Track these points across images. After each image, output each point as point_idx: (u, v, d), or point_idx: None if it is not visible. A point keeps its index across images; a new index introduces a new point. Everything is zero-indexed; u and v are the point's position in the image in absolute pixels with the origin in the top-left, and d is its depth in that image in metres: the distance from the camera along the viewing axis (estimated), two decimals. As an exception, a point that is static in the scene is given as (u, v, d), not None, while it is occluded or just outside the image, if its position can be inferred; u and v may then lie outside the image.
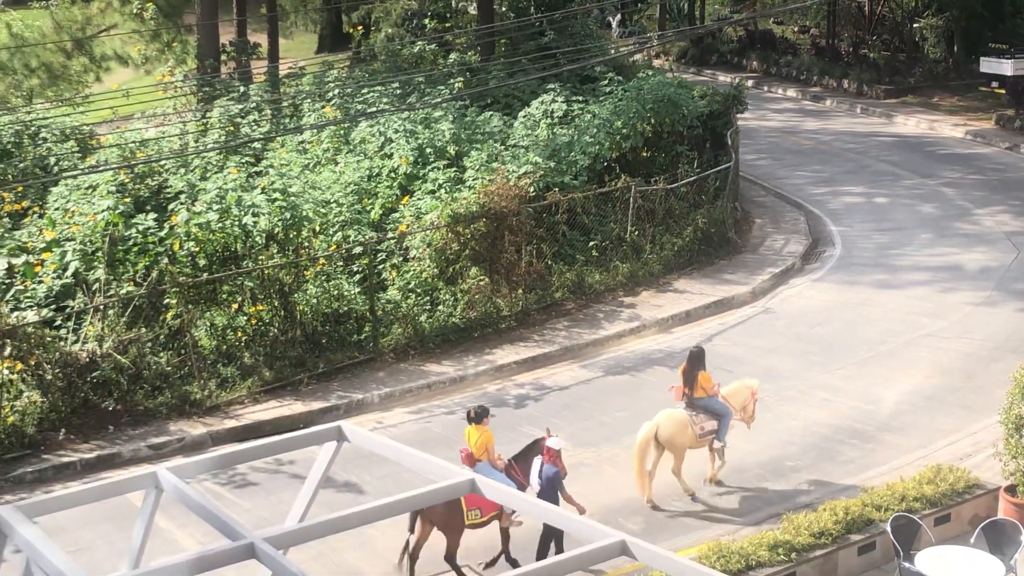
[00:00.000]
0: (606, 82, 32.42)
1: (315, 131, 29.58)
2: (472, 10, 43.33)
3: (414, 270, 24.53)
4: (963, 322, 24.46)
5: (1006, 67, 44.12)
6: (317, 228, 24.27)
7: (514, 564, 15.47)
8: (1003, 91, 44.08)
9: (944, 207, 32.84)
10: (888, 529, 14.49)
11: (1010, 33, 52.13)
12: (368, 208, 26.19)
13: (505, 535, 15.67)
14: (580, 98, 31.36)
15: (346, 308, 22.99)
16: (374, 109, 30.03)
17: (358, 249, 24.25)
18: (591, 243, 26.85)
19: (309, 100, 32.11)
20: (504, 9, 40.63)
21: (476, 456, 15.68)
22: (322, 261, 23.53)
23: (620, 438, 19.61)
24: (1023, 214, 31.87)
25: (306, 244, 23.47)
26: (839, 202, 33.81)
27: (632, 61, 39.86)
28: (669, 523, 17.07)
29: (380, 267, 24.67)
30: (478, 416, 15.96)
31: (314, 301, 22.67)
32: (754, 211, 32.67)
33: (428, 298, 24.13)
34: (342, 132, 29.58)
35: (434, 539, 15.38)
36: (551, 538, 15.50)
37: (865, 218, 32.18)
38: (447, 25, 39.75)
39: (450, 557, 15.31)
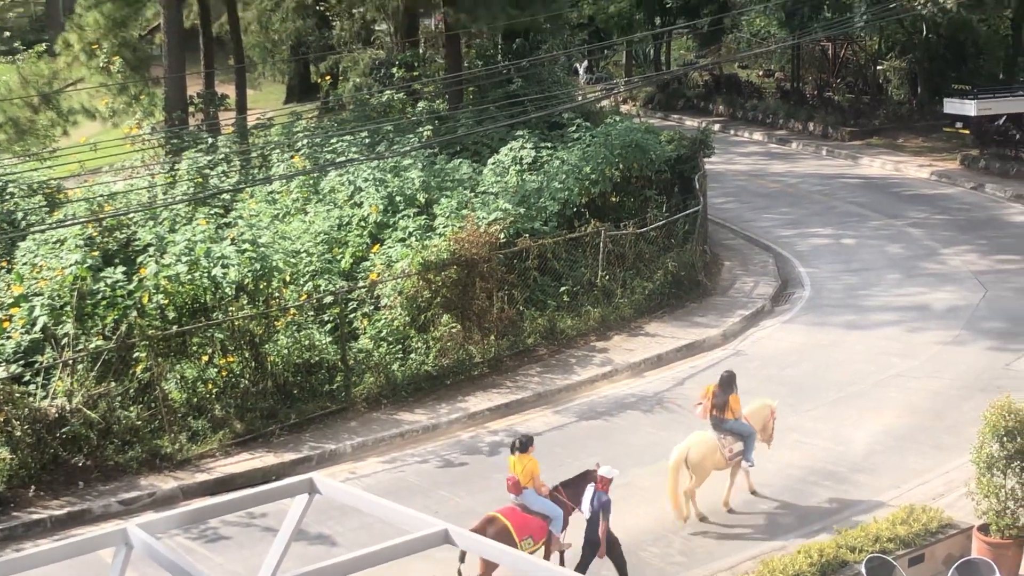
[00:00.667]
0: (574, 128, 32.60)
1: (284, 181, 29.60)
2: (440, 59, 43.54)
3: (385, 318, 24.50)
4: (932, 361, 24.57)
5: (969, 107, 44.52)
6: (287, 278, 24.22)
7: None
8: (967, 131, 44.44)
9: (911, 247, 33.06)
10: (863, 570, 14.50)
11: (972, 74, 52.70)
12: (338, 257, 26.18)
13: (561, 560, 16.18)
14: (549, 144, 31.51)
15: (317, 358, 22.92)
16: (343, 158, 30.08)
17: (329, 298, 24.22)
18: (562, 288, 26.90)
19: (278, 150, 32.16)
20: (472, 57, 40.84)
21: (523, 484, 16.17)
22: (293, 311, 23.48)
23: (594, 484, 19.57)
24: (990, 253, 32.11)
25: (276, 294, 23.41)
26: (807, 244, 34.00)
27: (600, 107, 40.10)
28: (644, 567, 17.02)
29: (351, 316, 24.63)
30: (523, 446, 16.47)
31: (285, 352, 22.60)
32: (723, 254, 32.81)
33: (400, 346, 24.09)
34: (311, 182, 29.61)
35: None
36: (591, 557, 16.05)
37: (833, 259, 32.36)
38: (415, 74, 39.88)
39: None
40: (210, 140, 32.99)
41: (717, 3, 58.45)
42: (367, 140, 32.12)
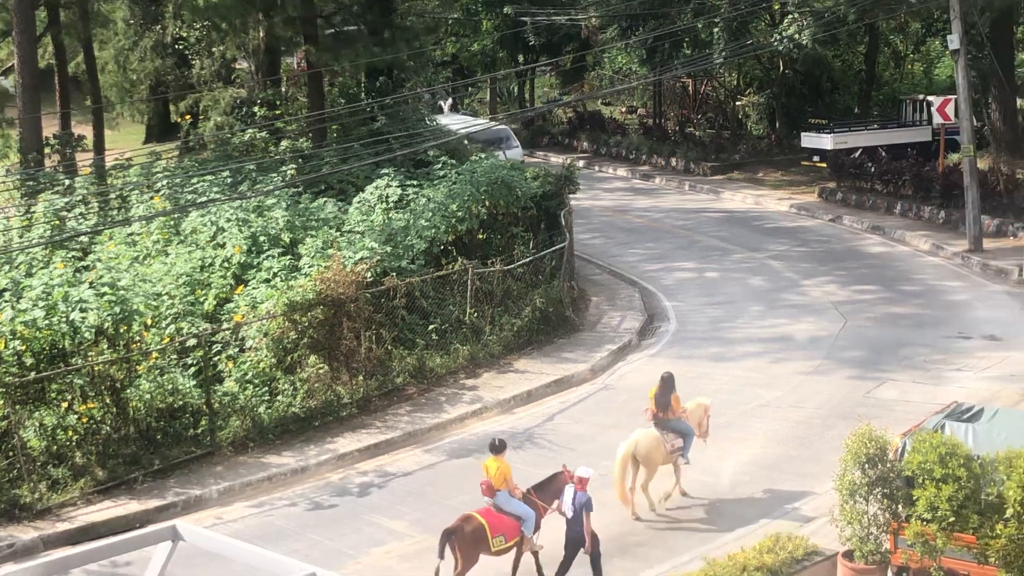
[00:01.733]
0: (440, 166, 32.61)
1: (144, 223, 29.06)
2: (302, 97, 43.29)
3: (251, 360, 24.16)
4: (796, 391, 24.98)
5: (826, 141, 45.66)
6: (149, 321, 23.73)
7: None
8: (824, 164, 45.54)
9: (773, 279, 33.64)
10: (732, 600, 14.61)
11: (828, 108, 54.09)
12: (201, 299, 25.77)
13: (534, 558, 17.18)
14: (414, 182, 31.45)
15: (181, 402, 22.49)
16: (205, 198, 29.66)
17: (192, 341, 23.81)
18: (431, 327, 26.81)
19: (137, 191, 31.59)
20: (335, 95, 40.65)
21: (496, 486, 17.01)
22: (155, 355, 23.02)
23: (465, 522, 19.49)
24: (848, 284, 32.82)
25: (137, 338, 22.93)
26: (672, 278, 34.42)
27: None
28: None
29: (215, 359, 24.22)
30: (501, 447, 17.36)
31: (147, 396, 22.13)
32: (590, 289, 33.04)
33: (266, 388, 23.76)
34: (172, 223, 29.12)
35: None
36: (574, 556, 16.96)
37: (697, 292, 32.79)
38: (277, 112, 39.56)
39: None
40: (67, 181, 32.27)
41: (579, 41, 59.15)
42: (229, 180, 31.72)
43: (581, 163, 48.88)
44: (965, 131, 35.45)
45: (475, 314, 27.54)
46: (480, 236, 29.82)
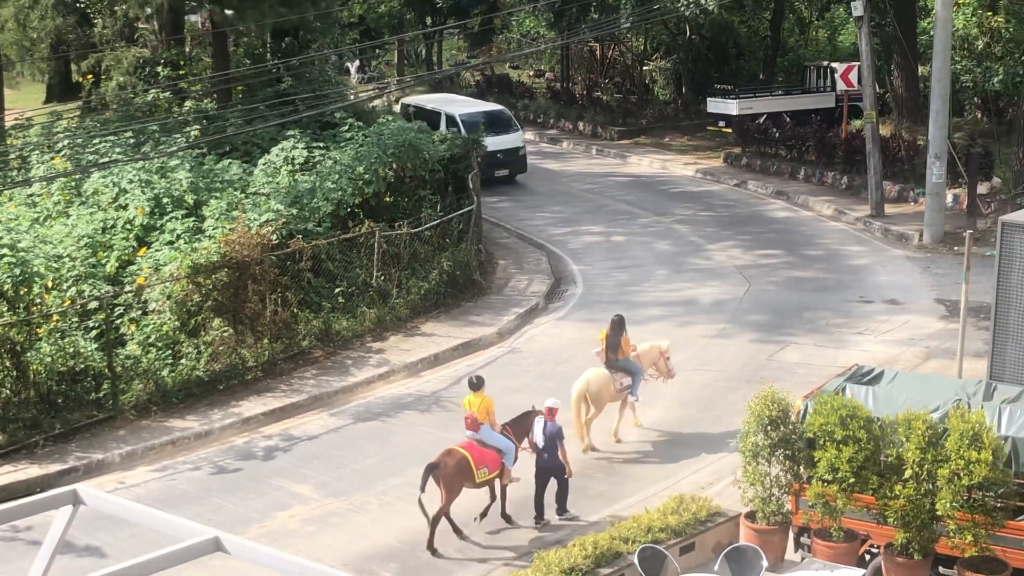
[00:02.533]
0: (347, 128, 32.36)
1: (45, 183, 28.53)
2: (207, 57, 42.70)
3: (154, 323, 23.87)
4: (700, 354, 25.22)
5: (731, 107, 46.02)
6: (49, 284, 23.37)
7: (509, 520, 18.03)
8: (730, 130, 45.92)
9: (678, 244, 33.90)
10: (635, 561, 14.74)
11: (734, 74, 54.49)
12: (103, 261, 25.38)
13: (503, 493, 18.02)
14: (321, 144, 31.19)
15: (83, 365, 22.17)
16: (107, 159, 29.17)
17: (94, 304, 23.45)
18: (337, 290, 26.66)
19: (37, 151, 30.98)
20: (240, 55, 40.16)
21: (479, 420, 17.81)
22: (55, 318, 22.66)
23: (372, 485, 19.51)
24: (752, 248, 33.17)
25: (38, 301, 22.57)
26: (579, 241, 34.53)
27: (372, 107, 39.94)
28: (423, 568, 17.00)
29: (118, 322, 23.89)
30: (479, 383, 18.17)
31: (48, 360, 21.77)
32: (498, 253, 33.06)
33: (170, 352, 23.49)
34: (73, 184, 28.62)
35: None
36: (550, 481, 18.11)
37: (604, 256, 32.94)
38: (181, 72, 38.99)
39: (444, 512, 17.34)
40: (-35, 141, 31.59)
41: (487, 3, 58.96)
42: (132, 140, 31.23)
43: (489, 126, 48.75)
44: (868, 97, 35.92)
45: (382, 277, 27.43)
46: (387, 199, 29.68)
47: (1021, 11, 43.37)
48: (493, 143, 38.67)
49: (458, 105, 43.70)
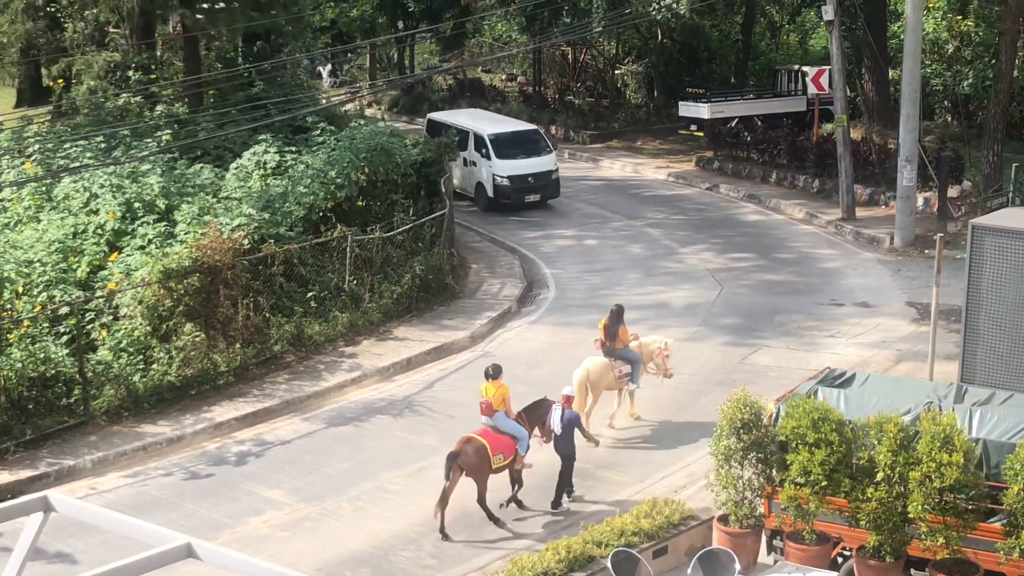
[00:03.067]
0: (318, 132, 32.31)
1: (15, 188, 28.37)
2: (178, 61, 42.55)
3: (125, 328, 23.76)
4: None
5: (703, 111, 46.16)
6: (20, 289, 23.25)
7: (520, 504, 18.71)
8: (701, 133, 46.06)
9: (651, 247, 33.96)
10: (608, 565, 14.76)
11: (705, 78, 54.66)
12: (74, 266, 25.25)
13: (518, 477, 18.70)
14: (293, 148, 31.12)
15: (54, 371, 22.04)
16: (78, 164, 29.04)
17: (65, 309, 23.35)
18: (309, 294, 26.60)
19: (8, 156, 30.81)
20: (212, 59, 40.03)
21: (495, 407, 18.44)
22: (26, 323, 22.54)
23: (345, 489, 19.47)
24: (725, 251, 33.25)
25: (8, 306, 22.44)
26: (552, 245, 34.56)
27: (344, 111, 39.88)
28: (397, 573, 16.97)
29: (89, 327, 23.78)
30: (496, 372, 18.81)
31: (19, 365, 21.63)
32: (470, 257, 33.06)
33: (141, 357, 23.39)
34: (44, 189, 28.48)
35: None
36: (571, 469, 18.98)
37: (576, 260, 32.97)
38: (153, 77, 38.82)
39: (481, 500, 18.08)
40: (-66, 146, 31.38)
41: (459, 7, 58.94)
42: (103, 145, 31.10)
43: (461, 130, 48.71)
44: (839, 101, 36.08)
45: (354, 281, 27.38)
46: (359, 203, 29.64)
47: (990, 15, 43.69)
48: (524, 166, 38.17)
49: (487, 123, 41.07)
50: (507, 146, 38.40)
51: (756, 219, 37.29)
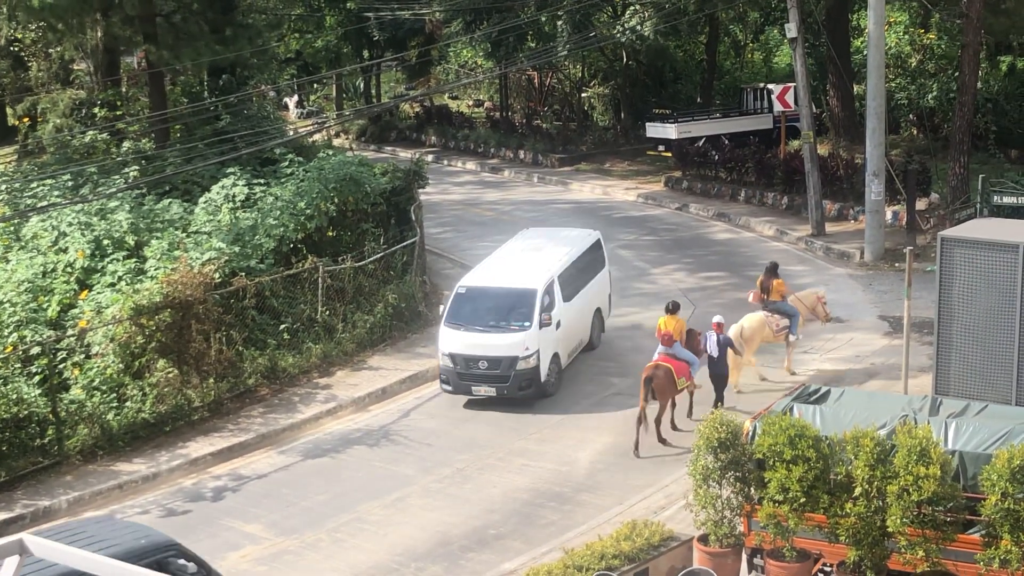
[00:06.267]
0: (287, 163, 32.27)
1: (-17, 229, 28.24)
2: (144, 97, 42.47)
3: (98, 367, 23.63)
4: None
5: (670, 131, 46.32)
6: (-10, 330, 23.12)
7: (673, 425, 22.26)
8: (669, 154, 46.21)
9: (623, 269, 33.96)
10: (592, 588, 14.70)
11: (672, 98, 54.88)
12: (44, 306, 25.12)
13: (691, 396, 22.76)
14: (261, 181, 31.08)
15: (26, 412, 21.88)
16: (45, 203, 28.92)
17: (36, 349, 23.22)
18: (282, 326, 26.52)
19: (-26, 197, 30.67)
20: (177, 94, 39.98)
21: (674, 338, 22.11)
22: (-3, 364, 22.40)
23: (323, 522, 19.37)
24: (697, 271, 33.31)
25: (-21, 348, 22.31)
26: (524, 270, 34.47)
27: (312, 141, 39.89)
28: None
29: (61, 366, 23.65)
30: (674, 308, 22.89)
31: (-9, 407, 21.51)
32: (443, 283, 32.97)
33: (114, 395, 23.27)
34: (12, 229, 28.37)
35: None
36: (724, 387, 22.62)
37: (550, 284, 32.89)
38: (119, 113, 38.75)
39: (659, 419, 21.54)
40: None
41: (424, 35, 59.06)
42: (70, 183, 31.00)
43: (430, 157, 48.85)
44: (805, 118, 36.24)
45: (327, 312, 27.32)
46: (330, 233, 29.61)
47: (952, 28, 44.01)
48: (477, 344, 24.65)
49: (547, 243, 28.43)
50: (471, 306, 25.20)
51: (726, 237, 37.39)
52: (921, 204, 35.79)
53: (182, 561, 14.91)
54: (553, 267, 25.50)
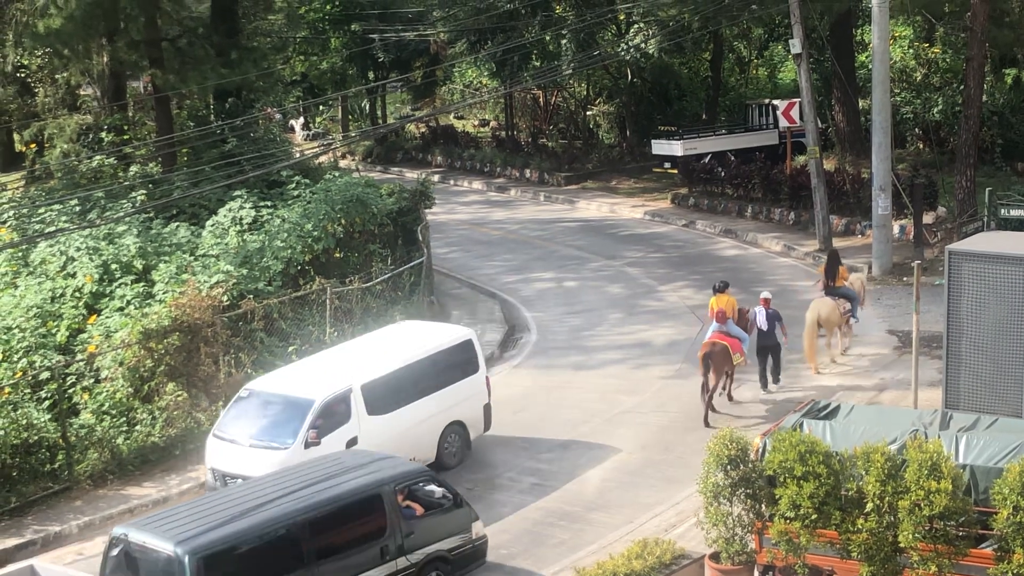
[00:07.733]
0: (293, 186, 32.34)
1: (-9, 255, 28.31)
2: (150, 121, 42.62)
3: (107, 391, 23.66)
4: (657, 396, 25.25)
5: (676, 148, 46.34)
6: (0, 356, 23.14)
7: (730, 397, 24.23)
8: (675, 171, 46.20)
9: (630, 286, 33.98)
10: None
11: (677, 115, 54.91)
12: (53, 331, 25.17)
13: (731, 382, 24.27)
14: (268, 203, 31.13)
15: (36, 437, 21.89)
16: (53, 228, 29.00)
17: (45, 374, 23.25)
18: (291, 348, 26.51)
19: (-18, 223, 30.75)
20: (184, 118, 40.08)
21: (727, 315, 23.64)
22: (7, 390, 22.42)
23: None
24: (704, 288, 33.22)
25: (-12, 374, 22.35)
26: (531, 288, 34.56)
27: (318, 163, 39.93)
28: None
29: (70, 391, 23.69)
30: (723, 287, 24.18)
31: (1, 433, 21.52)
32: (450, 303, 33.03)
33: (124, 419, 23.27)
34: (20, 254, 28.44)
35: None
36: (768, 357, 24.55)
37: (557, 302, 32.96)
38: (125, 137, 38.86)
39: (713, 392, 23.23)
40: (-92, 215, 31.29)
41: (428, 56, 59.19)
42: (78, 208, 31.09)
43: (436, 178, 48.85)
44: (810, 133, 36.24)
45: (335, 333, 27.31)
46: (337, 254, 29.63)
47: (956, 41, 44.05)
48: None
49: None
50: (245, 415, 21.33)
51: (734, 254, 37.37)
52: (928, 218, 35.78)
53: (431, 487, 17.65)
54: (362, 374, 21.01)
